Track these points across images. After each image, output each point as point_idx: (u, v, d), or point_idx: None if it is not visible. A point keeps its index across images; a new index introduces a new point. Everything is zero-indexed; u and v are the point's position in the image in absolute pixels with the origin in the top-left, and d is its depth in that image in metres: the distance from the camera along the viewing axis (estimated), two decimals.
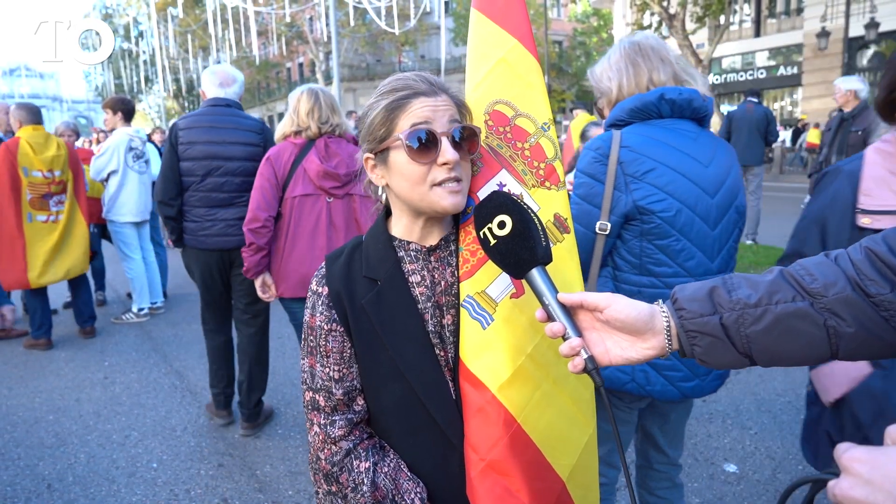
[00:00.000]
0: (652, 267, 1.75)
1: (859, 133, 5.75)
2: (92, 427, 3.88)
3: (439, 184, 1.10)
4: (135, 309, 6.20)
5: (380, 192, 1.25)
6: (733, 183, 1.82)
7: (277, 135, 3.20)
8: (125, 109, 5.89)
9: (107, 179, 5.88)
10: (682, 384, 1.83)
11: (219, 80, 3.61)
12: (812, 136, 19.04)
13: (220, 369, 3.83)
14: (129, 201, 5.92)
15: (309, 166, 3.00)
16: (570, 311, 0.98)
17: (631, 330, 0.93)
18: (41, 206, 5.24)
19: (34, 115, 5.30)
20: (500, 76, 1.24)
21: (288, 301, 3.23)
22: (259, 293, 3.25)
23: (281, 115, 44.75)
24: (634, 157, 1.70)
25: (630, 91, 1.82)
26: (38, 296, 5.42)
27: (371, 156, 1.18)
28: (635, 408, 1.98)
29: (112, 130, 6.01)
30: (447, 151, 1.08)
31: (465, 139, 1.13)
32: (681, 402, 1.99)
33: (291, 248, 3.07)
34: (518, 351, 1.15)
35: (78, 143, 7.92)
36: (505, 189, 1.20)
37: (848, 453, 0.64)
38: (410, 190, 1.12)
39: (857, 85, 5.87)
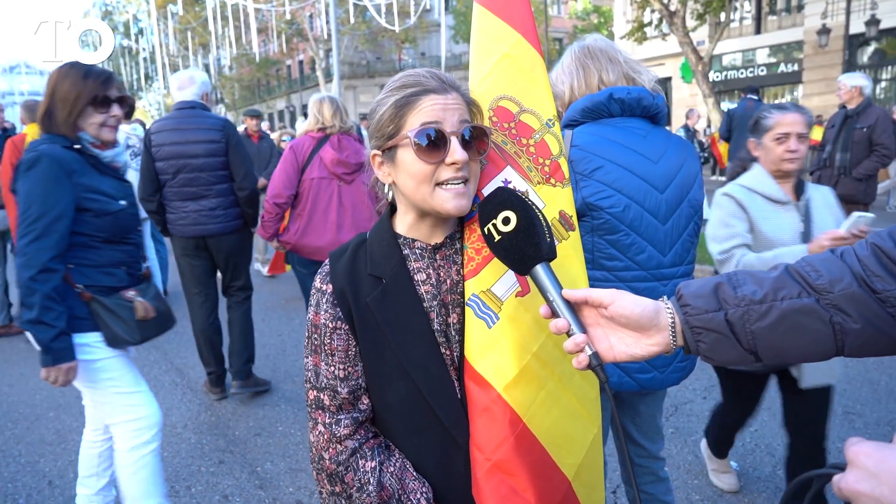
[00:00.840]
0: (604, 261, 1.80)
1: (864, 130, 5.71)
2: None
3: (444, 183, 1.09)
4: None
5: (386, 190, 1.23)
6: (685, 178, 1.86)
7: (299, 131, 4.10)
8: None
9: None
10: (639, 375, 1.86)
11: (177, 84, 3.95)
12: (814, 133, 18.97)
13: (206, 351, 4.21)
14: None
15: (325, 155, 3.77)
16: (574, 307, 0.98)
17: (635, 326, 0.93)
18: None
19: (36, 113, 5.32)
20: (504, 71, 1.22)
21: (300, 265, 4.04)
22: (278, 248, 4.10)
23: (281, 113, 44.93)
24: (584, 156, 1.75)
25: (581, 92, 1.88)
26: None
27: (378, 153, 1.16)
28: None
29: None
30: (456, 151, 1.07)
31: (475, 139, 1.11)
32: (646, 394, 2.01)
33: (308, 221, 3.80)
34: (523, 350, 1.14)
35: None
36: (510, 186, 1.19)
37: (855, 447, 0.64)
38: (416, 189, 1.11)
39: (862, 81, 5.82)
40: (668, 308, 0.93)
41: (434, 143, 1.07)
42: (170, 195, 3.88)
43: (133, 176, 5.75)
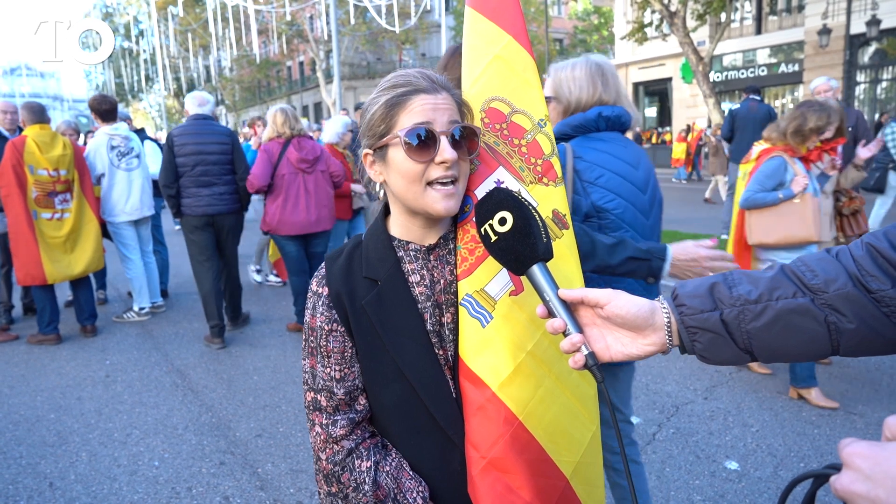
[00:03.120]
0: None
1: (850, 130, 5.82)
2: (93, 425, 3.88)
3: (433, 183, 1.10)
4: (136, 308, 6.19)
5: (377, 189, 1.24)
6: (654, 179, 2.20)
7: (264, 138, 5.21)
8: (99, 110, 5.82)
9: (99, 181, 5.91)
10: None
11: (197, 102, 5.36)
12: (679, 153, 19.11)
13: (212, 309, 5.34)
14: (121, 201, 5.89)
15: (290, 155, 5.02)
16: (570, 307, 0.98)
17: (631, 326, 0.93)
18: (46, 203, 5.26)
19: (38, 115, 5.29)
20: (495, 73, 1.23)
21: (281, 238, 5.17)
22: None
23: None
24: (588, 166, 2.01)
25: (586, 106, 2.10)
26: (46, 292, 5.42)
27: (370, 152, 1.17)
28: None
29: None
30: (445, 150, 1.08)
31: (465, 138, 1.12)
32: (626, 363, 2.28)
33: (284, 206, 5.03)
34: (518, 348, 1.14)
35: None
36: (503, 186, 1.20)
37: (849, 448, 0.64)
38: (406, 188, 1.12)
39: (836, 83, 6.00)
40: (664, 308, 0.93)
41: (424, 142, 1.08)
42: (187, 183, 5.15)
43: (122, 176, 5.85)
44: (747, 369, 4.39)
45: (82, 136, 8.96)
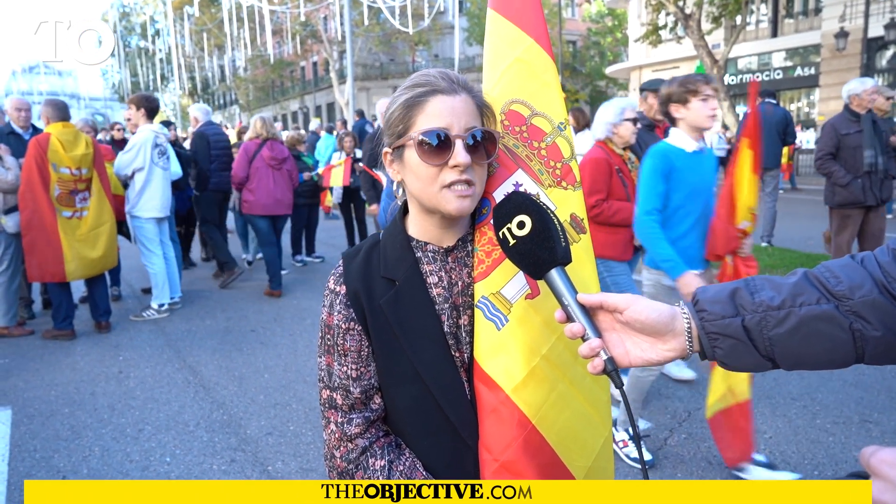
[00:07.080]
0: None
1: (885, 133, 5.76)
2: (106, 421, 3.92)
3: (449, 186, 1.09)
4: (155, 305, 6.23)
5: (395, 188, 1.25)
6: None
7: (245, 138, 7.27)
8: (149, 107, 6.04)
9: (132, 176, 5.97)
10: None
11: (203, 112, 7.66)
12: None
13: (220, 251, 7.52)
14: (154, 197, 6.01)
15: (263, 153, 6.73)
16: (589, 311, 0.97)
17: (651, 331, 0.92)
18: (68, 202, 5.29)
19: (61, 112, 5.33)
20: (516, 75, 1.23)
21: (254, 217, 6.88)
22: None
23: (294, 115, 45.44)
24: None
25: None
26: (62, 288, 5.46)
27: (389, 150, 1.17)
28: None
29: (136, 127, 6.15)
30: (459, 154, 1.07)
31: (483, 142, 1.11)
32: None
33: (257, 192, 6.72)
34: (533, 352, 1.14)
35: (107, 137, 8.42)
36: (521, 189, 1.19)
37: (876, 456, 0.63)
38: (421, 190, 1.12)
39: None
40: (685, 313, 0.92)
41: (439, 145, 1.08)
42: (215, 167, 7.33)
43: (159, 174, 5.95)
44: (760, 376, 4.34)
45: (102, 135, 9.16)
